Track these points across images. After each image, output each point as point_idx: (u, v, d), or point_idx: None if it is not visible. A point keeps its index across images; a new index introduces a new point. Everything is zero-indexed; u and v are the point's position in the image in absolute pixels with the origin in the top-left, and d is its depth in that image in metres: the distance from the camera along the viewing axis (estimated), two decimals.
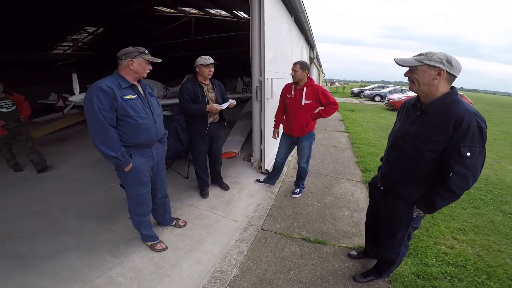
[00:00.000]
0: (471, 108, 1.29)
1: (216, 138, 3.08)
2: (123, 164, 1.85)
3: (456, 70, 1.31)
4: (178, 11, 6.84)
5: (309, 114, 2.94)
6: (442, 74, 1.29)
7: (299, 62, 2.86)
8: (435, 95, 1.35)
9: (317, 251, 2.35)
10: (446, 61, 1.29)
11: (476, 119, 1.23)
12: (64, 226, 2.59)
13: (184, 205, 3.02)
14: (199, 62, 2.72)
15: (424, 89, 1.37)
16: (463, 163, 1.27)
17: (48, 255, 2.17)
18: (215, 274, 2.05)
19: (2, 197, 3.15)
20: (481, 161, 1.30)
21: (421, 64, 1.33)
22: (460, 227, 2.76)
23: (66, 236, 2.42)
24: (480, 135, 1.24)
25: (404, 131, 1.52)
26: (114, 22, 7.11)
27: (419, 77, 1.36)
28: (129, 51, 1.82)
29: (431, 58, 1.30)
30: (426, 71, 1.32)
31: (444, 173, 1.33)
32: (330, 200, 3.32)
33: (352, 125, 8.43)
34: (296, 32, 5.77)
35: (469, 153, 1.24)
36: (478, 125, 1.23)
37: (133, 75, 1.86)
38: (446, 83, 1.33)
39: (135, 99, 1.86)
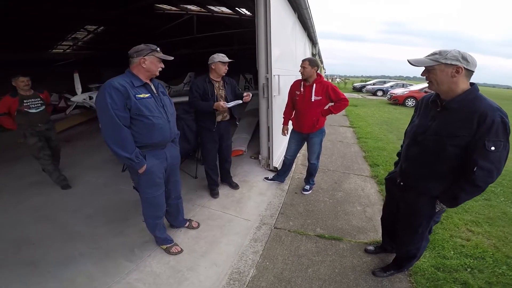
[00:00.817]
0: (494, 104, 1.29)
1: (226, 136, 3.05)
2: (137, 165, 1.81)
3: (472, 66, 1.30)
4: (180, 8, 6.77)
5: (319, 110, 2.91)
6: (460, 71, 1.29)
7: (307, 59, 2.83)
8: (456, 92, 1.35)
9: (333, 248, 2.33)
10: (462, 58, 1.28)
11: (500, 114, 1.24)
12: (75, 231, 2.56)
13: (195, 206, 3.00)
14: (216, 59, 2.69)
15: (444, 88, 1.37)
16: (488, 158, 1.26)
17: (62, 261, 2.15)
18: (233, 276, 2.03)
19: (11, 202, 3.13)
20: (505, 155, 1.29)
21: (437, 64, 1.32)
22: (474, 219, 2.74)
23: (78, 242, 2.40)
24: (504, 130, 1.25)
25: (424, 127, 1.51)
26: (115, 20, 7.04)
27: (437, 77, 1.35)
28: (140, 49, 1.78)
29: (446, 57, 1.29)
30: (443, 70, 1.32)
31: (467, 167, 1.33)
32: (341, 196, 3.30)
33: (357, 120, 8.38)
34: (299, 29, 5.72)
35: (493, 147, 1.24)
36: (502, 120, 1.24)
37: (145, 74, 1.82)
38: (465, 79, 1.33)
39: (148, 98, 1.81)
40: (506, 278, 1.93)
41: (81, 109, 6.91)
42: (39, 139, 3.32)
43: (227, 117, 2.98)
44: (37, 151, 3.32)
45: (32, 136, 3.27)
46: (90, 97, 5.93)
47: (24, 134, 3.25)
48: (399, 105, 13.52)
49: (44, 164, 3.42)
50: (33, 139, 3.28)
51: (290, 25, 4.63)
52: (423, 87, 13.99)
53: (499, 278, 1.93)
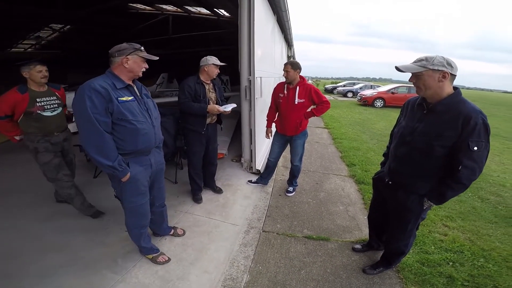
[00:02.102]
0: (476, 107, 1.39)
1: (213, 139, 2.99)
2: (121, 174, 1.68)
3: (455, 70, 1.40)
4: (155, 8, 6.50)
5: (302, 113, 2.96)
6: (446, 76, 1.38)
7: (289, 63, 2.86)
8: (442, 95, 1.44)
9: (322, 248, 2.37)
10: (447, 63, 1.37)
11: (481, 117, 1.34)
12: (49, 241, 2.33)
13: (178, 212, 2.89)
14: (210, 62, 2.64)
15: (430, 92, 1.45)
16: (471, 157, 1.37)
17: (40, 275, 1.95)
18: (226, 283, 1.98)
19: None
20: (486, 154, 1.40)
21: (425, 70, 1.40)
22: (448, 214, 2.96)
23: (55, 253, 2.18)
24: (485, 131, 1.35)
25: (411, 128, 1.60)
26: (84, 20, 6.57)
27: (425, 82, 1.43)
28: (123, 48, 1.64)
29: (433, 63, 1.38)
30: (431, 75, 1.40)
31: (453, 166, 1.43)
32: (324, 196, 3.38)
33: (331, 121, 8.70)
34: (278, 31, 5.79)
35: (476, 147, 1.34)
36: (484, 122, 1.34)
37: (127, 74, 1.68)
38: (449, 83, 1.43)
39: (132, 101, 1.68)
40: (485, 271, 2.09)
41: None
42: (55, 154, 2.52)
43: (215, 119, 2.92)
44: (54, 171, 2.51)
45: (47, 151, 2.44)
46: None
47: (35, 148, 2.41)
48: (368, 106, 14.27)
49: (63, 188, 2.58)
50: (48, 155, 2.45)
51: (270, 27, 4.66)
52: (390, 88, 14.88)
53: (480, 271, 2.09)
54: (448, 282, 1.97)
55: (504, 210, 3.16)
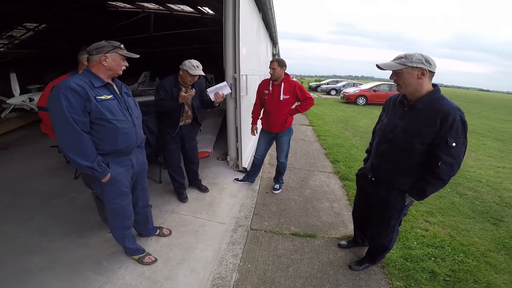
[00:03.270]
0: (454, 104, 1.43)
1: (189, 137, 2.93)
2: (100, 174, 1.63)
3: (434, 67, 1.44)
4: (136, 6, 6.32)
5: (287, 109, 2.97)
6: (425, 73, 1.41)
7: (276, 60, 2.87)
8: (421, 93, 1.47)
9: (309, 245, 2.40)
10: (425, 60, 1.40)
11: (459, 114, 1.38)
12: (28, 244, 2.24)
13: (163, 212, 2.83)
14: (185, 67, 2.51)
15: (410, 89, 1.49)
16: (450, 153, 1.41)
17: (20, 277, 1.88)
18: (216, 281, 1.97)
19: None
20: (464, 150, 1.45)
21: (405, 67, 1.43)
22: (428, 210, 3.07)
23: (35, 256, 2.10)
24: (463, 128, 1.39)
25: (393, 125, 1.63)
26: (60, 18, 6.28)
27: (405, 80, 1.46)
28: (101, 46, 1.59)
29: (412, 60, 1.41)
30: (410, 72, 1.44)
31: (432, 162, 1.47)
32: (309, 193, 3.42)
33: (315, 119, 8.82)
34: (263, 29, 5.78)
35: (454, 143, 1.38)
36: (461, 119, 1.38)
37: (106, 73, 1.63)
38: (428, 81, 1.46)
39: (111, 100, 1.63)
40: (465, 265, 2.17)
41: (19, 112, 6.06)
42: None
43: (189, 122, 2.85)
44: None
45: None
46: (31, 98, 5.25)
47: None
48: (351, 103, 14.57)
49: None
50: None
51: (256, 24, 4.66)
52: (372, 86, 15.21)
53: (460, 266, 2.16)
54: (431, 277, 2.03)
55: (480, 205, 3.29)
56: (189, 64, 2.52)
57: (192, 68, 2.51)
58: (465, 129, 1.40)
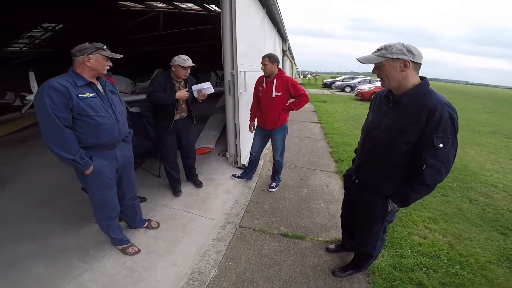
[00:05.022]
0: (443, 99, 1.28)
1: (185, 132, 2.96)
2: (83, 167, 1.73)
3: (419, 58, 1.30)
4: (145, 5, 6.48)
5: (280, 106, 2.91)
6: (408, 65, 1.28)
7: (267, 55, 2.82)
8: (407, 86, 1.33)
9: (296, 247, 2.35)
10: (407, 50, 1.27)
11: (448, 110, 1.23)
12: (27, 231, 2.39)
13: (156, 205, 2.89)
14: (176, 62, 2.59)
15: (394, 83, 1.35)
16: (436, 155, 1.26)
17: (9, 262, 2.01)
18: (193, 276, 1.98)
19: None
20: (454, 153, 1.29)
21: (385, 59, 1.31)
22: (431, 216, 2.88)
23: (29, 242, 2.24)
24: (452, 126, 1.24)
25: (377, 123, 1.51)
26: (75, 18, 6.56)
27: (387, 73, 1.33)
28: (84, 47, 1.70)
29: (392, 51, 1.28)
30: (391, 65, 1.31)
31: (417, 165, 1.33)
32: (306, 193, 3.35)
33: (325, 116, 8.60)
34: (268, 24, 5.71)
35: (441, 144, 1.23)
36: (450, 116, 1.22)
37: (90, 72, 1.73)
38: (414, 73, 1.32)
39: (93, 98, 1.73)
40: (458, 278, 2.00)
41: None
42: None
43: (184, 115, 2.89)
44: None
45: None
46: None
47: None
48: (365, 100, 14.02)
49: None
50: None
51: (259, 20, 4.60)
52: None
53: (452, 278, 2.00)
54: None
55: (491, 212, 3.04)
56: (179, 59, 2.60)
57: (183, 61, 2.59)
58: (455, 128, 1.24)
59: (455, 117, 1.24)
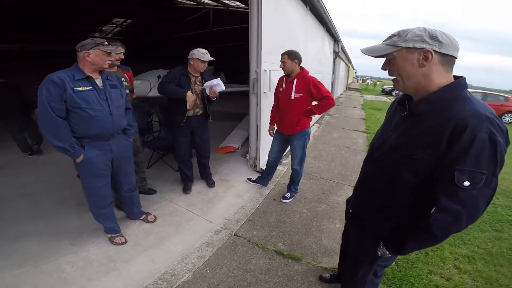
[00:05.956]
0: (483, 110, 0.84)
1: (198, 131, 2.90)
2: (73, 155, 1.81)
3: (450, 47, 0.88)
4: (197, 2, 6.79)
5: (300, 109, 2.62)
6: (430, 57, 0.88)
7: (286, 52, 2.55)
8: (429, 88, 0.93)
9: (287, 268, 2.06)
10: (430, 36, 0.88)
11: (488, 128, 0.80)
12: (44, 210, 2.61)
13: (162, 199, 2.90)
14: (195, 56, 2.57)
15: (411, 84, 0.96)
16: (456, 196, 0.85)
17: (14, 238, 2.19)
18: (165, 276, 1.91)
19: (4, 178, 3.29)
20: (488, 195, 0.86)
21: (397, 50, 0.93)
22: (470, 253, 2.27)
23: (40, 220, 2.45)
24: (492, 154, 0.81)
25: (383, 139, 1.12)
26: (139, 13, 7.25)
27: (399, 68, 0.96)
28: (85, 43, 1.77)
29: (407, 38, 0.90)
30: (406, 57, 0.92)
31: (425, 203, 0.93)
32: (324, 209, 2.96)
33: (374, 125, 7.64)
34: (312, 22, 5.32)
35: (467, 182, 0.82)
36: (491, 138, 0.80)
37: (91, 67, 1.81)
38: (441, 69, 0.90)
39: (89, 91, 1.79)
40: None
41: None
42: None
43: (199, 112, 2.81)
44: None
45: None
46: None
47: None
48: None
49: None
50: None
51: (297, 17, 4.30)
52: None
53: None
54: None
55: None
56: (198, 52, 2.57)
57: (202, 55, 2.57)
58: (496, 158, 0.81)
59: (499, 140, 0.80)
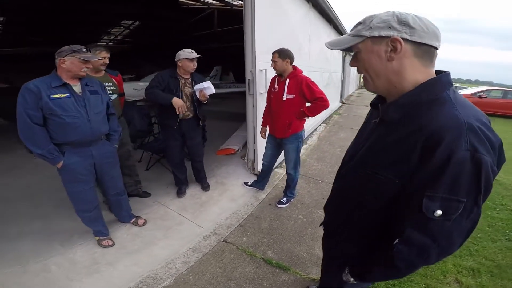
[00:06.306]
0: (467, 115, 0.63)
1: (190, 135, 2.84)
2: (51, 161, 1.82)
3: (424, 34, 0.67)
4: (201, 2, 6.81)
5: (292, 111, 2.50)
6: (399, 47, 0.68)
7: (277, 50, 2.44)
8: (403, 89, 0.72)
9: (273, 278, 1.96)
10: (398, 22, 0.67)
11: (471, 142, 0.59)
12: (43, 211, 2.64)
13: (155, 203, 2.89)
14: (182, 56, 2.53)
15: (382, 83, 0.75)
16: (425, 227, 0.66)
17: (10, 238, 2.26)
18: (146, 280, 1.90)
19: (9, 179, 3.37)
20: (466, 227, 0.66)
21: (361, 41, 0.74)
22: (475, 266, 2.08)
23: (38, 221, 2.49)
24: (475, 178, 0.60)
25: (354, 151, 0.92)
26: (145, 14, 7.37)
27: (366, 65, 0.76)
28: (61, 50, 1.76)
29: (371, 25, 0.71)
30: (372, 50, 0.73)
31: (392, 231, 0.75)
32: (321, 216, 2.82)
33: None
34: (317, 19, 5.15)
35: (440, 211, 0.63)
36: (474, 156, 0.59)
37: (67, 74, 1.79)
38: (417, 62, 0.69)
39: (65, 98, 1.78)
40: None
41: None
42: None
43: (189, 115, 2.74)
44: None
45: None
46: None
47: None
48: None
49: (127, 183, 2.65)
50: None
51: (299, 14, 4.17)
52: (477, 91, 10.81)
53: None
54: None
55: None
56: (183, 52, 2.54)
57: (189, 54, 2.54)
58: (479, 183, 0.60)
59: (485, 159, 0.59)
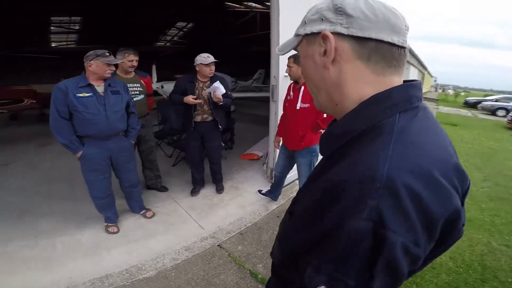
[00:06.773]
0: (397, 161, 0.38)
1: (208, 138, 2.93)
2: (73, 150, 2.08)
3: (367, 24, 0.45)
4: (245, 6, 6.95)
5: (306, 122, 2.34)
6: (329, 46, 0.48)
7: (293, 56, 2.29)
8: (343, 109, 0.51)
9: None
10: (333, 9, 0.47)
11: (377, 209, 0.36)
12: (77, 193, 2.99)
13: (169, 198, 3.06)
14: (198, 61, 2.64)
15: (324, 100, 0.56)
16: None
17: (39, 214, 2.66)
18: (131, 269, 2.04)
19: (60, 162, 3.92)
20: None
21: (298, 42, 0.56)
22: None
23: (69, 202, 2.87)
24: (371, 261, 0.38)
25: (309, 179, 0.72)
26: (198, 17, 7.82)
27: (304, 72, 0.58)
28: (88, 54, 1.99)
29: (305, 19, 0.53)
30: (306, 53, 0.55)
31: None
32: None
33: None
34: None
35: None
36: (377, 232, 0.36)
37: (93, 76, 2.03)
38: (362, 68, 0.47)
39: (89, 97, 2.03)
40: None
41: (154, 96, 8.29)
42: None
43: (207, 118, 2.83)
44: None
45: None
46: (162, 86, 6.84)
47: None
48: None
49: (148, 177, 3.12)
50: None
51: None
52: None
53: None
54: None
55: None
56: (200, 57, 2.64)
57: (204, 59, 2.62)
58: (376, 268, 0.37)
59: (394, 240, 0.36)
